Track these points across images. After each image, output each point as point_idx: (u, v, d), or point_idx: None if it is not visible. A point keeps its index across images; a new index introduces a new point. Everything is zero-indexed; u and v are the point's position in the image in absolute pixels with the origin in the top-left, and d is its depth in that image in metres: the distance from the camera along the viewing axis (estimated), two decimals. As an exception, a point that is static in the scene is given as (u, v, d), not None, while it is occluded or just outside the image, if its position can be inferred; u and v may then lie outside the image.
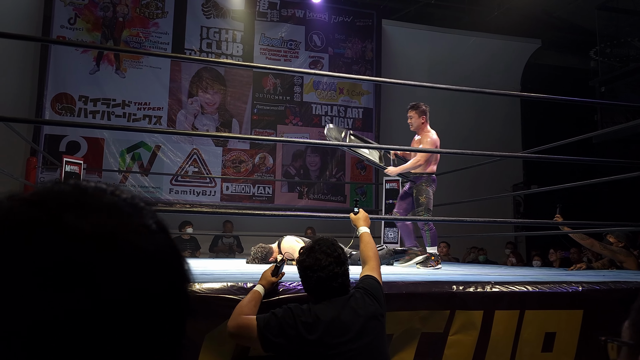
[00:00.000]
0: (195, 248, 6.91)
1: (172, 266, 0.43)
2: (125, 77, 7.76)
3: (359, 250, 2.31)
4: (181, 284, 0.43)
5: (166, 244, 0.43)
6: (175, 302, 0.42)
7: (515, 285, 2.53)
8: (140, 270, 0.39)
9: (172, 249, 0.43)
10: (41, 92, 7.33)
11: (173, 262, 0.43)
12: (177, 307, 0.42)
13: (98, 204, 0.41)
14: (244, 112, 8.28)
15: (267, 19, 8.54)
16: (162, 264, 0.41)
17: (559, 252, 6.48)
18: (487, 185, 8.03)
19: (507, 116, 9.52)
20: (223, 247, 7.23)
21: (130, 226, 0.41)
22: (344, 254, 1.99)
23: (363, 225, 2.48)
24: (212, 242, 7.31)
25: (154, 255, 0.41)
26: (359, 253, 2.32)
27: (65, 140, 7.37)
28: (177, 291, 0.42)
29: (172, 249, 0.43)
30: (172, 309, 0.41)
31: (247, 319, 1.90)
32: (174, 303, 0.41)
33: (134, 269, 0.39)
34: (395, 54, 9.16)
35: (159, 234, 0.43)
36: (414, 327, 2.32)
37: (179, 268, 0.43)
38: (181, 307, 0.42)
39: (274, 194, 8.21)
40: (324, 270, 1.90)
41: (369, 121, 8.81)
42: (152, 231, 0.42)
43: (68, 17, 7.60)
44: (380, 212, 6.86)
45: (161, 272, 0.41)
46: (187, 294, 0.43)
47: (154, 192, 7.62)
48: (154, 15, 7.99)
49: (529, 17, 8.93)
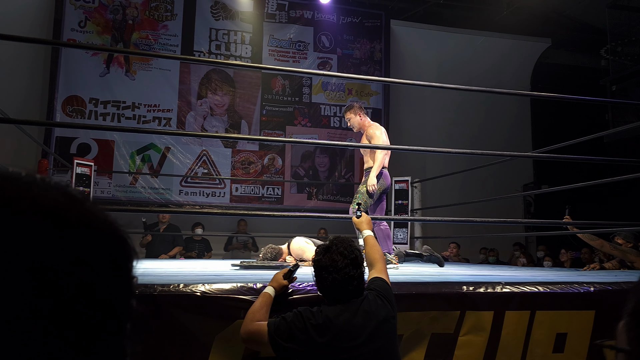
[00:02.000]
0: (206, 249, 6.94)
1: (113, 243, 0.44)
2: (135, 79, 7.81)
3: (365, 253, 2.30)
4: (123, 263, 0.44)
5: (106, 224, 0.44)
6: (116, 278, 0.43)
7: (526, 285, 2.52)
8: (82, 242, 0.41)
9: (111, 229, 0.45)
10: (52, 95, 7.39)
11: (114, 240, 0.44)
12: (117, 284, 0.43)
13: (46, 184, 0.43)
14: (252, 113, 8.30)
15: (275, 20, 8.56)
16: (103, 241, 0.43)
17: (569, 252, 6.44)
18: (497, 186, 8.00)
19: (517, 116, 9.47)
20: (238, 245, 7.25)
21: (72, 202, 0.43)
22: (361, 256, 1.96)
23: (366, 228, 2.48)
24: (227, 241, 7.34)
25: (96, 231, 0.43)
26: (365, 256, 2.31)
27: (76, 143, 7.42)
28: (117, 269, 0.44)
29: (111, 228, 0.45)
30: (112, 285, 0.43)
31: (258, 325, 1.89)
32: (114, 279, 0.43)
33: (76, 241, 0.41)
34: (404, 55, 9.15)
35: (101, 216, 0.44)
36: (424, 328, 2.31)
37: (120, 247, 0.45)
38: (122, 284, 0.44)
39: (283, 195, 8.23)
40: (340, 273, 1.87)
41: (377, 122, 8.77)
42: (96, 211, 0.44)
43: (78, 20, 7.66)
44: (390, 213, 6.85)
45: (102, 247, 0.43)
46: (127, 273, 0.45)
47: (164, 193, 7.66)
48: (163, 17, 8.04)
49: (538, 16, 8.88)
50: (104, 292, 0.41)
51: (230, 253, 7.11)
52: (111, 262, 0.43)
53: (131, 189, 7.57)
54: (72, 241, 0.40)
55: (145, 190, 7.61)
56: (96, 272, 0.41)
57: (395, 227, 6.48)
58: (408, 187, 6.59)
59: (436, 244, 6.63)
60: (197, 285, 2.10)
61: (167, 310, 2.03)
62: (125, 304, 0.44)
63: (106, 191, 7.40)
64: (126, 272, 0.45)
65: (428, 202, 7.08)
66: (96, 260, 0.42)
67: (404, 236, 6.44)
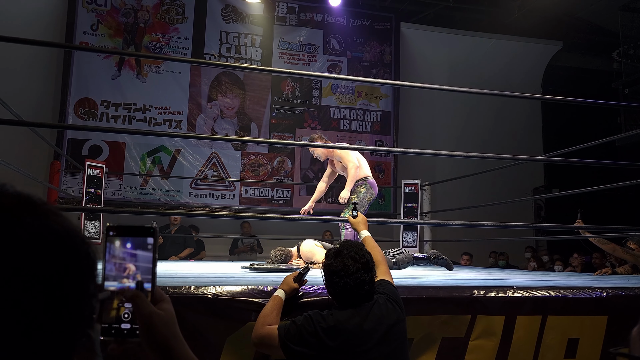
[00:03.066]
0: (199, 249, 6.85)
1: (67, 247, 0.47)
2: (146, 81, 7.86)
3: None
4: (77, 264, 0.48)
5: (64, 229, 0.48)
6: (70, 279, 0.46)
7: (537, 290, 2.50)
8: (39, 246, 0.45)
9: (69, 234, 0.48)
10: (64, 97, 7.46)
11: (68, 244, 0.48)
12: (73, 283, 0.46)
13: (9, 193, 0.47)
14: (262, 115, 8.32)
15: (285, 23, 8.58)
16: (57, 244, 0.46)
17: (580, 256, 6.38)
18: (508, 189, 7.96)
19: (528, 119, 9.42)
20: (244, 248, 7.24)
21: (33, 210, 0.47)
22: (372, 260, 1.95)
23: (363, 229, 2.46)
24: (232, 244, 7.35)
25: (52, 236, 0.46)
26: None
27: (87, 145, 7.49)
28: (72, 270, 0.47)
29: (69, 233, 0.48)
30: (67, 284, 0.46)
31: (269, 329, 1.90)
32: (66, 273, 0.46)
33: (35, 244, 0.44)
34: (414, 57, 9.13)
35: (60, 221, 0.48)
36: (434, 332, 2.30)
37: (75, 250, 0.48)
38: (77, 284, 0.47)
39: (293, 198, 8.23)
40: (351, 277, 1.85)
41: (387, 124, 8.79)
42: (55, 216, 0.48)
43: (91, 24, 7.73)
44: (399, 216, 6.84)
45: (57, 250, 0.46)
46: (82, 274, 0.48)
47: (174, 195, 7.70)
48: (174, 20, 8.09)
49: (549, 19, 8.83)
50: (53, 290, 0.44)
51: (237, 256, 7.10)
52: (64, 265, 0.46)
53: (142, 190, 7.62)
54: (22, 246, 0.43)
55: (155, 192, 7.65)
56: (46, 273, 0.44)
57: (405, 230, 6.46)
58: (417, 190, 6.56)
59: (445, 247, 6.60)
60: (208, 288, 2.10)
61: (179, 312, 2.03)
62: (78, 302, 0.47)
63: (117, 193, 7.45)
64: (77, 275, 0.47)
65: (438, 205, 7.05)
66: (45, 265, 0.44)
67: (413, 239, 6.41)
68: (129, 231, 0.75)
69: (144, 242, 0.75)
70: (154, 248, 0.75)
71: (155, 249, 0.75)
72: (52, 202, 5.74)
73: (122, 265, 0.74)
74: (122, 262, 0.74)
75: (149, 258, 0.75)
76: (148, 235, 0.75)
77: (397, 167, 8.66)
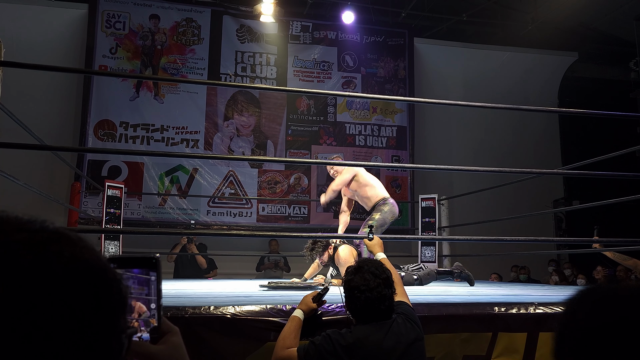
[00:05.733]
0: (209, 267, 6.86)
1: (96, 276, 0.49)
2: (163, 102, 7.98)
3: None
4: (109, 300, 0.49)
5: (98, 266, 0.50)
6: (100, 307, 0.48)
7: (560, 306, 2.46)
8: (67, 277, 0.46)
9: (96, 264, 0.50)
10: (84, 120, 7.61)
11: (97, 274, 0.49)
12: (102, 311, 0.48)
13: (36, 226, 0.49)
14: (278, 133, 8.38)
15: (299, 41, 8.67)
16: (87, 274, 0.48)
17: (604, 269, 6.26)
18: (527, 201, 7.86)
19: (546, 131, 9.34)
20: (269, 265, 7.23)
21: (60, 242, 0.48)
22: (391, 277, 1.95)
23: (379, 251, 2.47)
24: (259, 261, 7.34)
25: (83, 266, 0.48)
26: None
27: (107, 165, 7.60)
28: (101, 299, 0.48)
29: (95, 263, 0.50)
30: (98, 313, 0.47)
31: (288, 352, 1.90)
32: (99, 308, 0.47)
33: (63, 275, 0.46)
34: (429, 72, 9.14)
35: (85, 251, 0.49)
36: (455, 350, 2.28)
37: (102, 279, 0.49)
38: (106, 312, 0.48)
39: (310, 214, 8.24)
40: (373, 292, 1.86)
41: (403, 140, 8.78)
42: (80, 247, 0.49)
43: (109, 47, 7.90)
44: (417, 231, 6.80)
45: (86, 280, 0.47)
46: (113, 310, 0.49)
47: (192, 214, 7.76)
48: (191, 42, 8.23)
49: (564, 30, 8.79)
50: (84, 329, 0.46)
51: (263, 274, 7.10)
52: (97, 301, 0.47)
53: (160, 210, 7.69)
54: (58, 280, 0.45)
55: (173, 211, 7.72)
56: (78, 310, 0.45)
57: (423, 245, 6.42)
58: (435, 205, 6.53)
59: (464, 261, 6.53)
60: (227, 307, 2.11)
61: (198, 333, 2.05)
62: (108, 337, 0.48)
63: (136, 212, 7.53)
64: (109, 311, 0.49)
65: (456, 219, 7.00)
66: (79, 299, 0.46)
67: (432, 254, 6.36)
68: (131, 262, 0.72)
69: (147, 273, 0.71)
70: (158, 279, 0.72)
71: (159, 280, 0.72)
72: (73, 222, 5.83)
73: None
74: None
75: (154, 291, 0.72)
76: (150, 266, 0.72)
77: (413, 182, 8.63)
